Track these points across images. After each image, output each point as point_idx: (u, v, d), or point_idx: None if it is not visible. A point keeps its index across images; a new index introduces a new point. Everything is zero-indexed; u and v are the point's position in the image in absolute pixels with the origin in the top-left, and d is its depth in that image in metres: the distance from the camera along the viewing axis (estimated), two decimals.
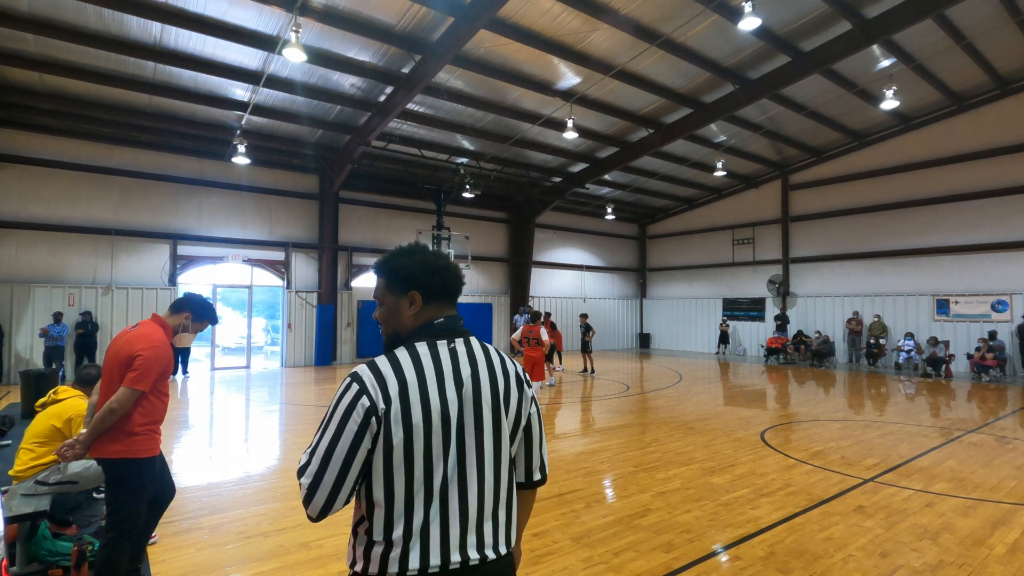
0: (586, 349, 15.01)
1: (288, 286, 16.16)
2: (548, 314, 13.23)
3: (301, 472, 1.35)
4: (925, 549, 3.91)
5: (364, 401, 1.31)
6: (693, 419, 8.65)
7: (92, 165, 13.32)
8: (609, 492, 5.23)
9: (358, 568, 1.34)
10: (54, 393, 4.22)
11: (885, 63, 12.83)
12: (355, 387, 1.33)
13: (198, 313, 3.22)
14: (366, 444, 1.30)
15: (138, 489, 2.96)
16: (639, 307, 25.27)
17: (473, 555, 1.33)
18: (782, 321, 18.90)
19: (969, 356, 14.38)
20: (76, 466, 3.87)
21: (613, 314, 24.05)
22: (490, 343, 13.45)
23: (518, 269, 20.87)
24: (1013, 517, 4.55)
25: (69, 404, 4.00)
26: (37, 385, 7.79)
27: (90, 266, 13.33)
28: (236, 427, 8.13)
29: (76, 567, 3.37)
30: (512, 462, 1.49)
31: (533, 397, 1.56)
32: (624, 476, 5.70)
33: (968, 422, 8.53)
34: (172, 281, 14.28)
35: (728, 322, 20.94)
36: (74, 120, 12.68)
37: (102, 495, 4.46)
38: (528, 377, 1.58)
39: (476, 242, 19.44)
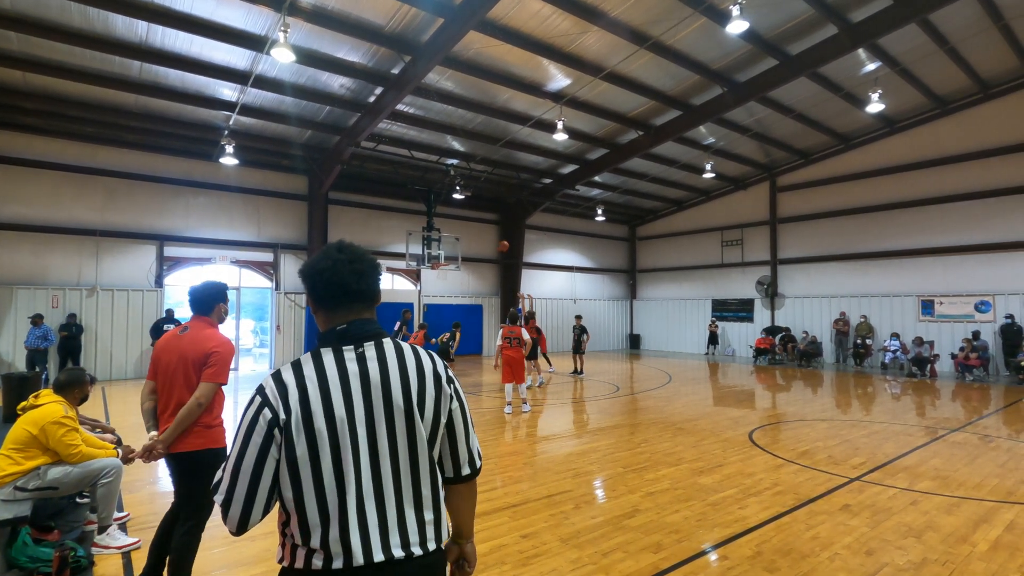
0: (578, 350, 15.06)
1: (277, 288, 16.04)
2: (532, 314, 13.25)
3: (215, 489, 1.35)
4: (909, 547, 3.96)
5: (266, 413, 1.31)
6: (682, 420, 8.69)
7: (77, 165, 13.15)
8: (598, 493, 5.24)
9: (285, 564, 1.35)
10: (35, 397, 4.15)
11: (870, 67, 13.00)
12: (257, 400, 1.34)
13: (211, 304, 3.25)
14: (273, 455, 1.31)
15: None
16: (629, 308, 25.36)
17: (398, 553, 1.34)
18: (770, 327, 19.05)
19: (953, 356, 14.58)
20: (56, 472, 3.82)
21: (603, 315, 24.12)
22: (480, 344, 13.53)
23: (508, 270, 20.88)
24: (995, 515, 4.61)
25: (47, 410, 3.92)
26: (19, 388, 7.65)
27: (74, 267, 13.15)
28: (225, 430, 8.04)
29: (57, 573, 3.32)
30: (437, 461, 1.49)
31: (454, 393, 1.53)
32: (613, 477, 5.71)
33: (952, 421, 8.64)
34: (159, 283, 14.12)
35: (717, 323, 21.09)
36: (58, 120, 12.51)
37: (85, 500, 4.39)
38: (450, 374, 1.56)
39: (466, 243, 19.42)
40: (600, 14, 10.24)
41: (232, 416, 8.65)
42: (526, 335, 9.74)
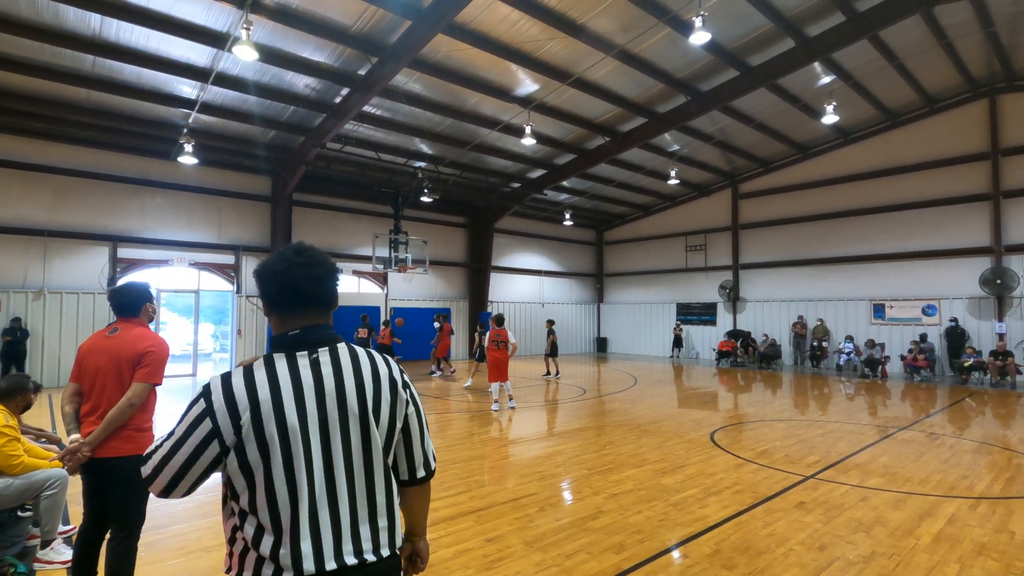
0: (552, 353, 15.27)
1: (238, 291, 15.62)
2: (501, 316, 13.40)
3: (148, 456, 1.38)
4: (859, 541, 4.11)
5: (207, 424, 1.30)
6: (647, 422, 8.83)
7: (24, 162, 12.55)
8: (564, 495, 5.28)
9: (233, 573, 1.34)
10: None
11: (826, 80, 13.53)
12: (202, 405, 1.32)
13: (137, 306, 3.15)
14: (204, 460, 1.31)
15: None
16: (596, 312, 25.64)
17: (351, 560, 1.32)
18: (733, 331, 19.55)
19: (903, 357, 15.24)
20: None
21: (571, 319, 24.32)
22: (449, 347, 13.33)
23: (477, 274, 20.86)
24: (938, 508, 4.84)
25: None
26: None
27: (20, 269, 12.52)
28: None
29: None
30: (392, 466, 1.49)
31: (410, 398, 1.52)
32: (578, 479, 5.76)
33: (901, 420, 9.03)
34: (111, 285, 13.57)
35: (681, 326, 21.52)
36: (4, 114, 11.88)
37: (27, 513, 4.18)
38: (405, 378, 1.55)
39: (435, 247, 19.32)
40: (567, 21, 10.36)
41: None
42: (512, 337, 10.12)
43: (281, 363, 1.37)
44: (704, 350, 21.23)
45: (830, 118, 13.62)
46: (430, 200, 17.04)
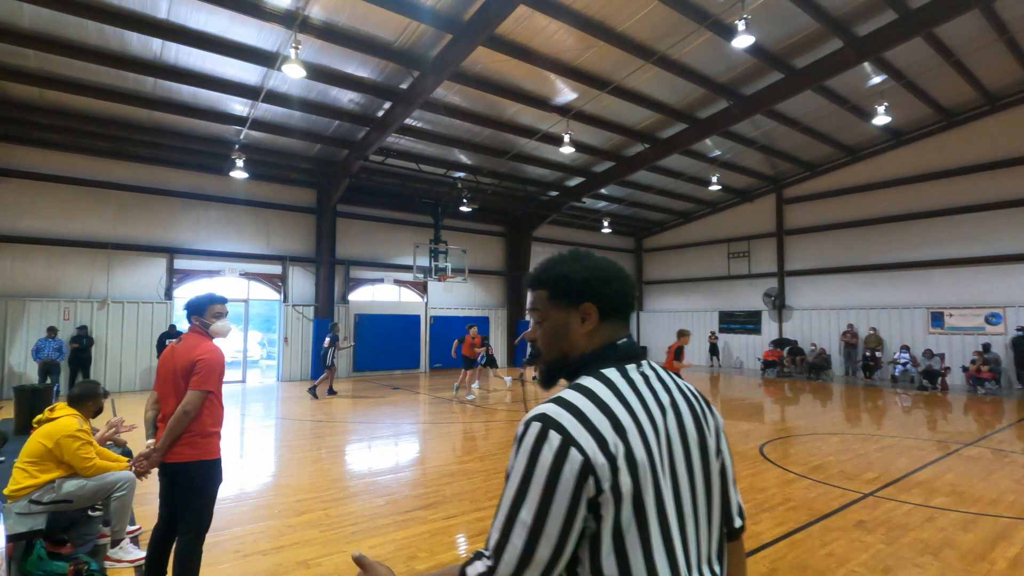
0: None
1: (285, 300, 16.13)
2: (474, 326, 13.52)
3: (498, 553, 0.98)
4: (927, 564, 3.90)
5: (574, 455, 0.96)
6: None
7: (90, 179, 13.34)
8: None
9: None
10: (50, 410, 4.18)
11: (876, 80, 13.04)
12: (556, 437, 0.97)
13: (203, 306, 3.33)
14: (583, 511, 0.96)
15: (213, 488, 3.19)
16: (636, 320, 25.29)
17: None
18: (778, 340, 18.95)
19: (964, 369, 14.44)
20: (70, 485, 3.84)
21: None
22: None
23: (515, 283, 20.91)
24: (1013, 532, 4.55)
25: (61, 424, 3.95)
26: (31, 401, 7.71)
27: (86, 280, 13.28)
28: (231, 443, 8.06)
29: None
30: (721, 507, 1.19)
31: (720, 426, 1.24)
32: None
33: (965, 435, 8.54)
34: (168, 295, 14.23)
35: (717, 335, 21.01)
36: (73, 135, 12.72)
37: (97, 513, 4.41)
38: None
39: (473, 256, 19.49)
40: (606, 29, 10.35)
41: (233, 428, 8.66)
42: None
43: (616, 376, 1.10)
44: (748, 359, 20.64)
45: (881, 119, 13.11)
46: (469, 210, 17.23)
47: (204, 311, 3.30)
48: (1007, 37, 11.79)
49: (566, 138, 13.08)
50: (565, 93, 12.63)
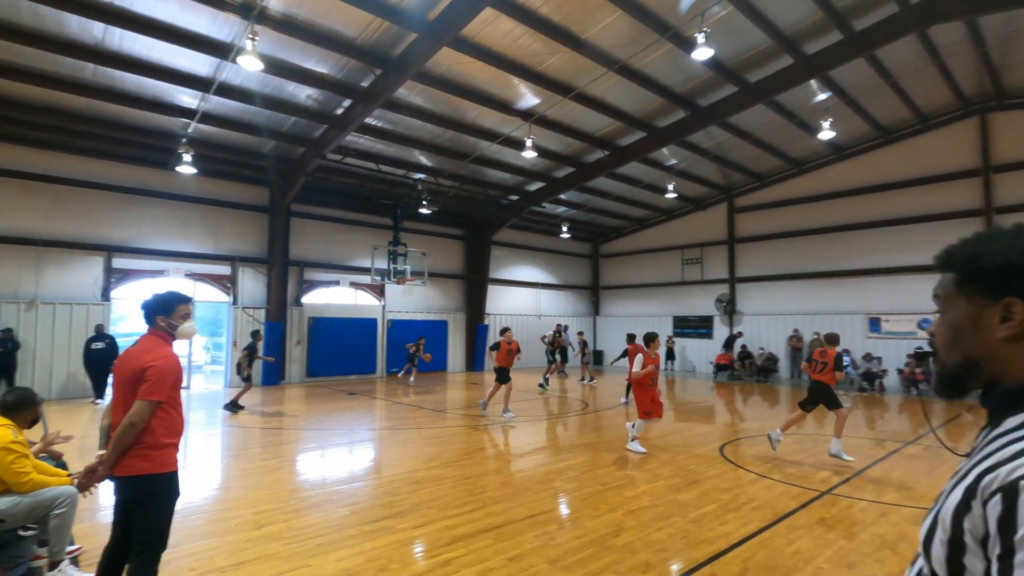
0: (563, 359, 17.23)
1: (234, 302, 15.42)
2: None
3: None
4: (887, 559, 4.06)
5: None
6: (654, 436, 8.76)
7: (19, 170, 12.35)
8: (581, 512, 5.19)
9: None
10: None
11: (822, 96, 13.71)
12: None
13: (171, 304, 3.10)
14: None
15: (168, 504, 2.96)
16: (592, 324, 25.61)
17: None
18: (730, 340, 19.58)
19: (900, 371, 15.33)
20: (3, 503, 3.49)
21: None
22: (445, 360, 13.50)
23: (474, 286, 20.79)
24: None
25: None
26: None
27: (12, 279, 12.27)
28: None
29: None
30: None
31: None
32: (593, 495, 5.67)
33: (906, 434, 9.04)
34: (105, 296, 13.34)
35: (673, 339, 21.55)
36: (1, 122, 11.74)
37: (30, 532, 4.02)
38: None
39: (433, 259, 19.24)
40: (570, 36, 10.44)
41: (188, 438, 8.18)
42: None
43: None
44: (701, 363, 21.24)
45: (826, 134, 13.80)
46: (429, 212, 17.01)
47: (173, 311, 3.06)
48: (938, 62, 12.65)
49: (528, 142, 13.10)
50: (528, 98, 12.66)
